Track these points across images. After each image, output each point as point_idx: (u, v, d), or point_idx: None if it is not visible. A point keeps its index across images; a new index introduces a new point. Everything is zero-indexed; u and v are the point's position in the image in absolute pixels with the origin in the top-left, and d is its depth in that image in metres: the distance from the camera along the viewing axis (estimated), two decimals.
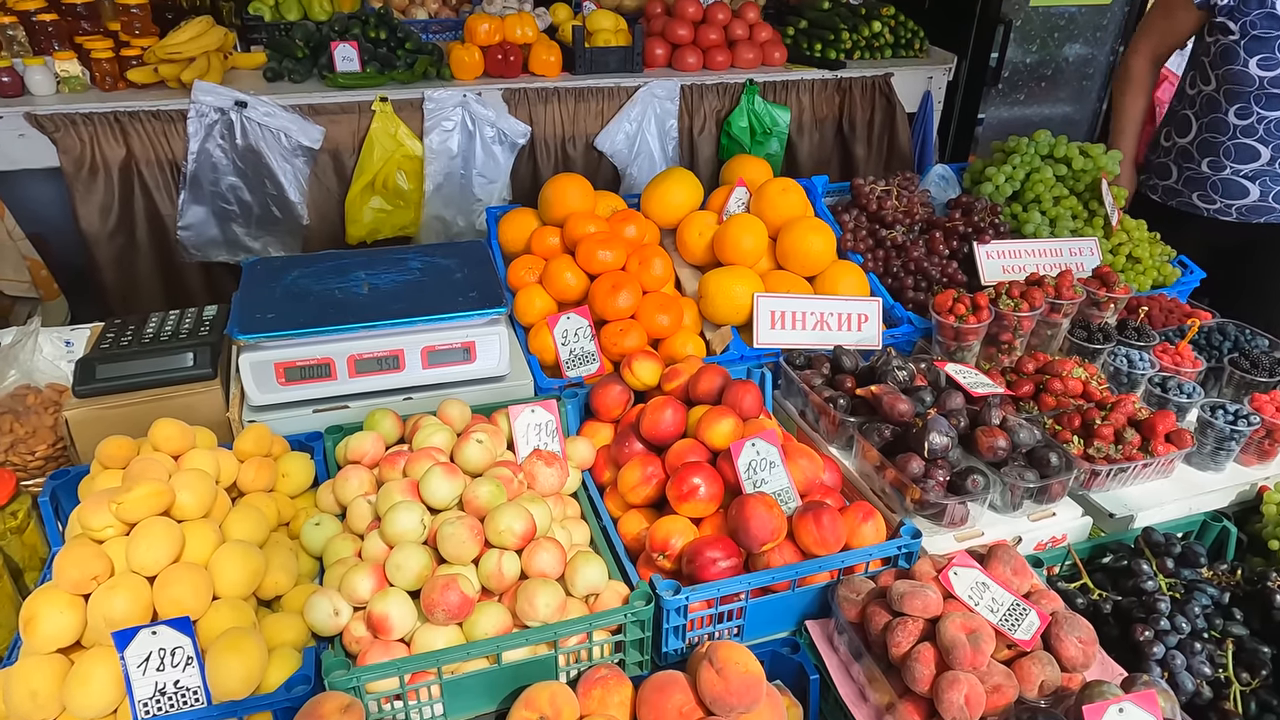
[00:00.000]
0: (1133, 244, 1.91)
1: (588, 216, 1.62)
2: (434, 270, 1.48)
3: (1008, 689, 0.98)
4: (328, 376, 1.34)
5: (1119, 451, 1.34)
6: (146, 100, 2.36)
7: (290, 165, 2.50)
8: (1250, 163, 2.02)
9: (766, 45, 2.97)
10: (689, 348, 1.55)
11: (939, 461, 1.28)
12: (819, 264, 1.67)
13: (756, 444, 1.18)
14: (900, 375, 1.45)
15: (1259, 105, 1.98)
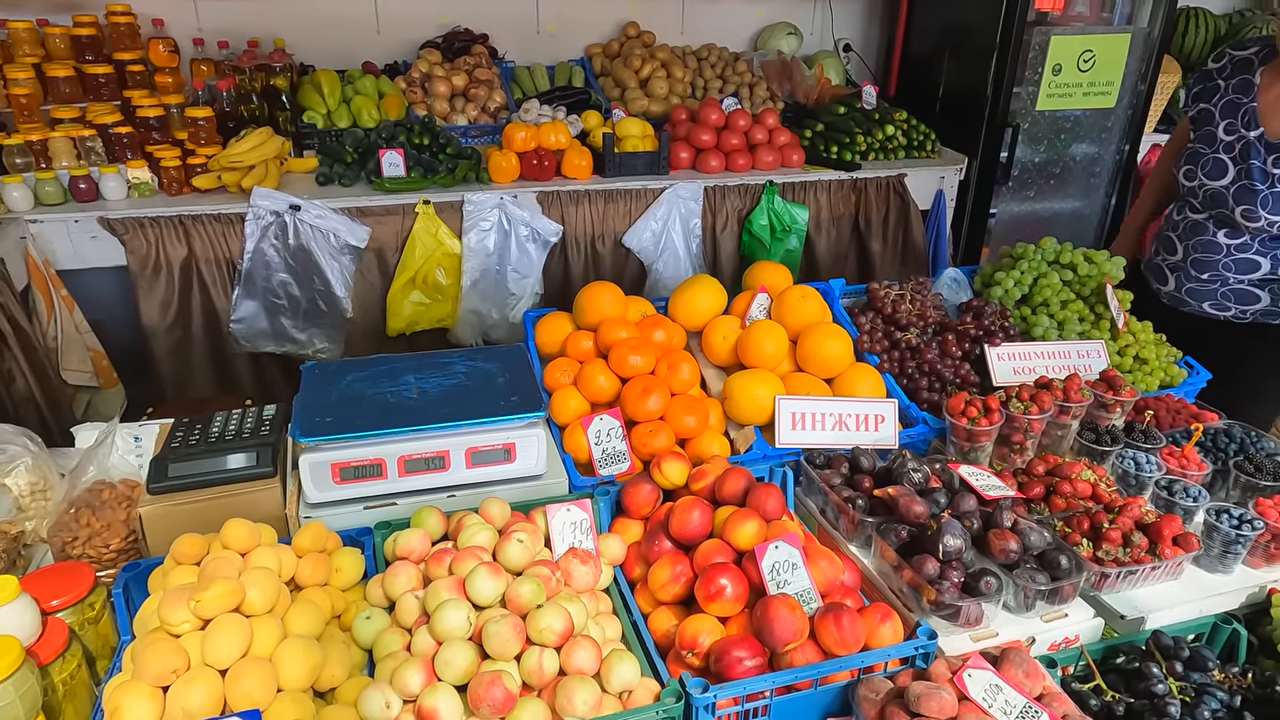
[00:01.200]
0: (1139, 345, 2.00)
1: (619, 322, 1.74)
2: (477, 374, 1.60)
3: None
4: (379, 476, 1.44)
5: (1127, 554, 1.40)
6: (209, 204, 2.55)
7: (337, 263, 2.67)
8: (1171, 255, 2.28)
9: (785, 148, 3.14)
10: (714, 447, 1.64)
11: (953, 563, 1.35)
12: (837, 366, 1.77)
13: (780, 546, 1.26)
14: (915, 477, 1.53)
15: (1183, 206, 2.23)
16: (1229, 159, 2.10)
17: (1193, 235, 2.19)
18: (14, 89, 2.59)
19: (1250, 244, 2.12)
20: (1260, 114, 2.07)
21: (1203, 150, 2.15)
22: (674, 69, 3.51)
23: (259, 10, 3.26)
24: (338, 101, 3.06)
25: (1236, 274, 2.17)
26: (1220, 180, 2.10)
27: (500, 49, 3.59)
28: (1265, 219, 2.05)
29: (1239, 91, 2.10)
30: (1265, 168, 2.04)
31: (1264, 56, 2.09)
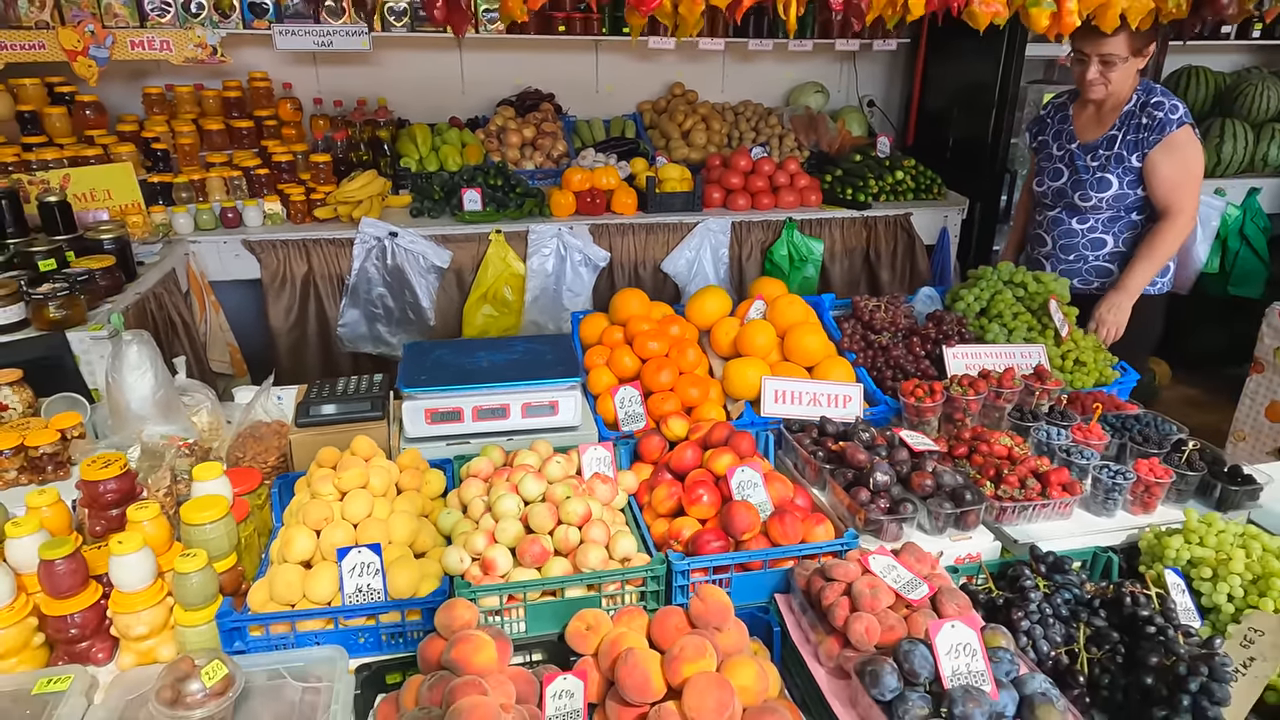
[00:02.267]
0: (1079, 351, 2.40)
1: (643, 318, 2.25)
2: (532, 352, 2.11)
3: (899, 629, 1.46)
4: (458, 420, 1.96)
5: (1021, 494, 1.81)
6: (325, 231, 3.17)
7: (425, 280, 3.25)
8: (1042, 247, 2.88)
9: (804, 190, 3.63)
10: (712, 414, 2.12)
11: (881, 494, 1.79)
12: (814, 357, 2.23)
13: (745, 470, 1.73)
14: (864, 437, 1.97)
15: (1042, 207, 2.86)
16: (1063, 165, 2.75)
17: (1055, 228, 2.79)
18: (180, 139, 3.27)
19: (1096, 225, 2.73)
20: (1076, 131, 2.74)
21: (1044, 164, 2.80)
22: (712, 122, 4.05)
23: (366, 74, 3.94)
24: (428, 149, 3.69)
25: (1093, 252, 2.76)
26: (1060, 180, 2.75)
27: (564, 105, 4.19)
28: (1095, 198, 2.67)
29: (1061, 122, 2.80)
30: (1086, 163, 2.68)
31: (1072, 96, 2.79)
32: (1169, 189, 2.59)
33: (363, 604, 1.47)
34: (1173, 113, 2.56)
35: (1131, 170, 2.62)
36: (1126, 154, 2.62)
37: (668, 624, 1.47)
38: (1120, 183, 2.64)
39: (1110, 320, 2.64)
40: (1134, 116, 2.61)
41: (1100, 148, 2.66)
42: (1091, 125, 2.71)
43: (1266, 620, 1.49)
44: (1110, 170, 2.64)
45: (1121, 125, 2.63)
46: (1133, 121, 2.61)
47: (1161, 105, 2.58)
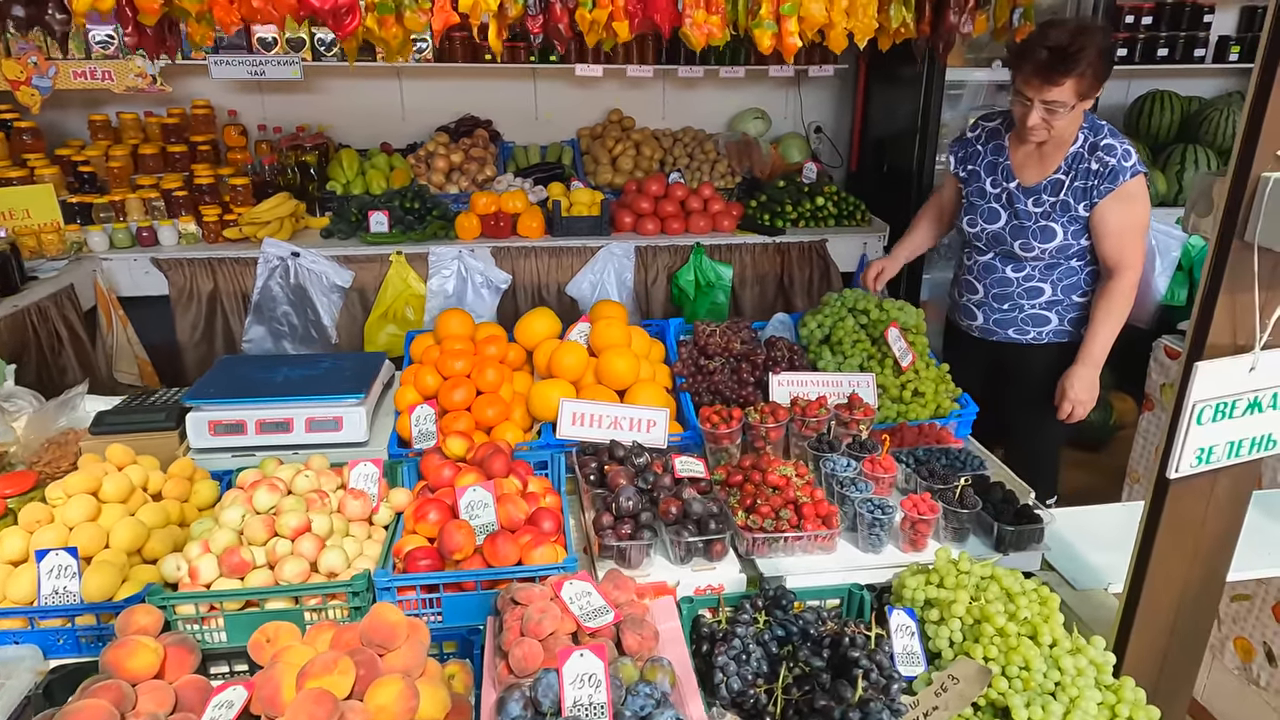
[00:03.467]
0: (918, 381, 2.31)
1: (458, 338, 2.27)
2: (333, 369, 2.15)
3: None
4: (241, 432, 2.00)
5: (773, 525, 1.75)
6: (232, 250, 3.29)
7: (327, 299, 3.34)
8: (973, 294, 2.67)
9: (718, 215, 3.60)
10: (508, 435, 2.12)
11: (625, 519, 1.75)
12: (624, 380, 2.21)
13: (476, 490, 1.72)
14: (638, 461, 1.94)
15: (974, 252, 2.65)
16: (999, 207, 2.52)
17: (988, 274, 2.58)
18: (111, 163, 3.46)
19: (1033, 274, 2.53)
20: (1014, 169, 2.50)
21: (977, 202, 2.57)
22: (645, 147, 4.07)
23: (310, 102, 4.10)
24: (354, 173, 3.81)
25: (1029, 300, 2.56)
26: (997, 224, 2.53)
27: (504, 132, 4.28)
28: (1038, 248, 2.46)
29: (995, 154, 2.55)
30: (1028, 209, 2.46)
31: (1007, 125, 2.52)
32: (1119, 244, 2.37)
33: (58, 605, 1.52)
34: (1125, 159, 2.32)
35: (1078, 220, 2.41)
36: (1074, 202, 2.39)
37: (340, 639, 1.47)
38: (1065, 233, 2.42)
39: (1077, 397, 2.46)
40: (1082, 160, 2.37)
41: (1044, 193, 2.42)
42: (1032, 164, 2.46)
43: (966, 668, 1.40)
44: (1055, 219, 2.42)
45: (1069, 169, 2.39)
46: (1081, 166, 2.37)
47: (1113, 150, 2.34)
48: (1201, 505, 1.42)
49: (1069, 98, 2.22)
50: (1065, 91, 2.21)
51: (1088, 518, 2.03)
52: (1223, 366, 1.29)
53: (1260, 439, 1.38)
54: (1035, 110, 2.28)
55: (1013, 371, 2.67)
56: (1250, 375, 1.32)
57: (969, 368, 2.70)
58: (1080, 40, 2.14)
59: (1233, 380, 1.31)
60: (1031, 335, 2.60)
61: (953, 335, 2.77)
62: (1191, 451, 1.32)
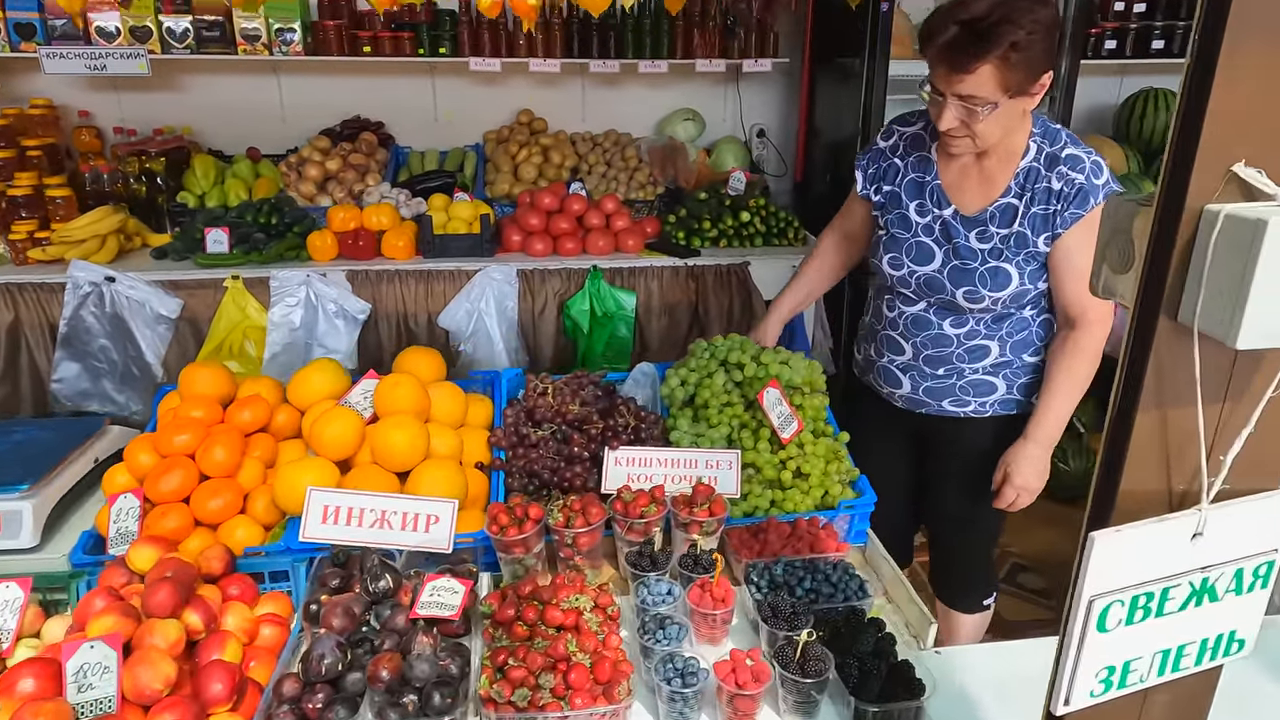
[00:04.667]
0: (802, 459, 1.77)
1: (200, 400, 1.75)
2: (22, 442, 1.64)
3: None
4: None
5: (526, 699, 1.22)
6: (39, 275, 2.80)
7: (152, 331, 2.84)
8: (899, 355, 2.06)
9: (622, 233, 3.07)
10: (238, 533, 1.60)
11: (318, 686, 1.23)
12: (404, 459, 1.69)
13: (95, 647, 1.20)
14: (380, 585, 1.42)
15: (898, 300, 2.03)
16: (931, 241, 1.92)
17: (918, 330, 1.99)
18: None
19: (977, 330, 1.94)
20: (947, 190, 1.92)
21: (900, 236, 1.97)
22: (554, 153, 3.54)
23: (174, 101, 3.60)
24: (210, 183, 3.30)
25: (971, 364, 1.98)
26: (929, 265, 1.92)
27: (400, 136, 3.77)
28: (988, 297, 1.86)
29: (919, 170, 1.95)
30: (970, 245, 1.87)
31: (933, 132, 1.90)
32: (1079, 282, 1.78)
33: None
34: (1095, 174, 1.76)
35: (1037, 258, 1.83)
36: (1031, 234, 1.81)
37: None
38: (1021, 275, 1.83)
39: (1025, 483, 1.91)
40: (1038, 177, 1.80)
41: (991, 223, 1.84)
42: (972, 185, 1.87)
43: None
44: (1009, 257, 1.83)
45: (1021, 190, 1.81)
46: (1038, 186, 1.80)
47: (1079, 163, 1.77)
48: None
49: (989, 91, 1.66)
50: (983, 81, 1.64)
51: (1011, 658, 1.48)
52: (1147, 534, 0.75)
53: (1217, 641, 0.83)
54: (949, 108, 1.71)
55: (943, 450, 2.11)
56: (1194, 544, 0.78)
57: (882, 439, 2.15)
58: (1002, 10, 1.59)
59: (1164, 553, 0.77)
60: (972, 407, 2.02)
61: (863, 397, 2.20)
62: (1090, 674, 0.78)
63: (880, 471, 2.15)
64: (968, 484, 2.07)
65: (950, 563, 2.25)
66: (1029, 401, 2.02)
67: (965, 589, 2.25)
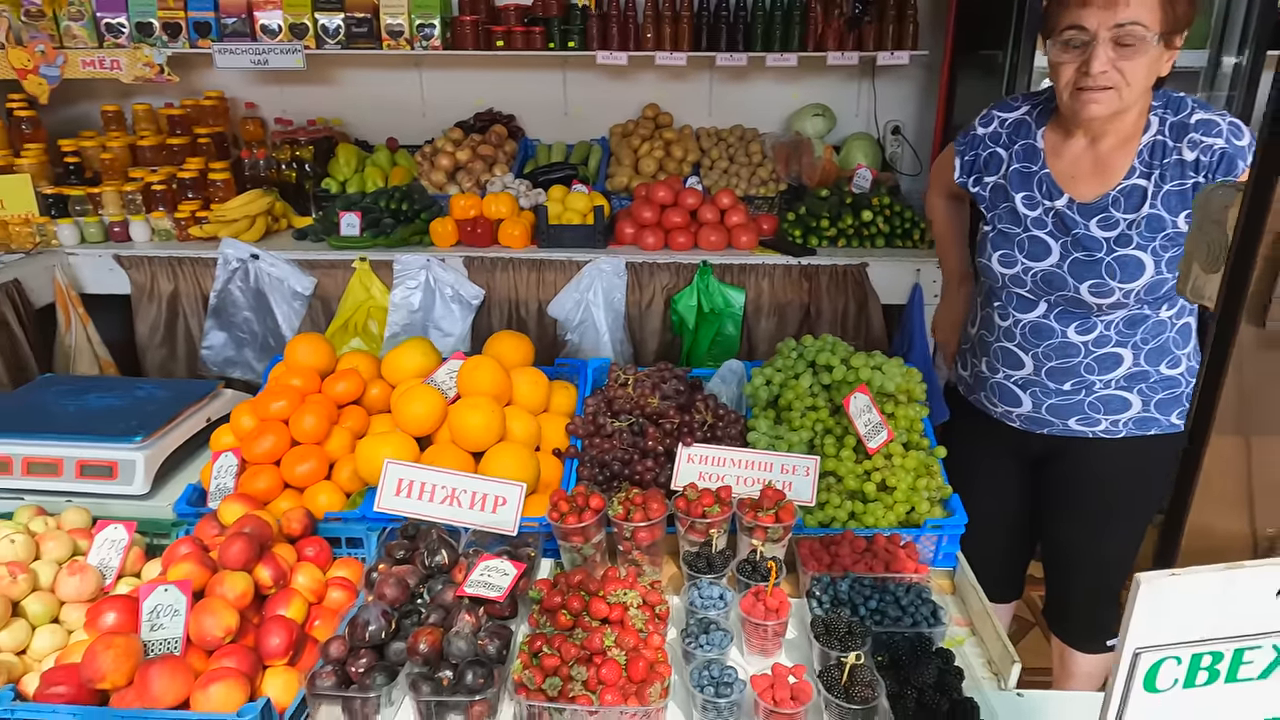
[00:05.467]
0: (889, 471, 1.65)
1: (304, 370, 1.85)
2: (143, 399, 1.79)
3: None
4: (7, 472, 1.68)
5: (557, 688, 1.19)
6: (196, 250, 3.06)
7: (288, 306, 3.04)
8: (1018, 370, 1.89)
9: (736, 229, 3.00)
10: (321, 499, 1.67)
11: (362, 651, 1.26)
12: (478, 440, 1.71)
13: (168, 590, 1.28)
14: (436, 560, 1.44)
15: (1012, 306, 1.86)
16: (1045, 235, 1.76)
17: (1039, 340, 1.82)
18: (105, 154, 3.34)
19: (1108, 335, 1.76)
20: (1058, 180, 1.75)
21: (1011, 230, 1.81)
22: (676, 148, 3.52)
23: (326, 94, 3.86)
24: (353, 170, 3.51)
25: (1102, 375, 1.80)
26: (1047, 260, 1.76)
27: (529, 128, 3.86)
28: (1118, 288, 1.69)
29: (1025, 159, 1.80)
30: (1092, 234, 1.70)
31: (1038, 115, 1.78)
32: None
33: None
34: (1237, 135, 1.60)
35: (1177, 241, 1.65)
36: (1169, 214, 1.64)
37: None
38: (1158, 263, 1.66)
39: None
40: (1167, 151, 1.64)
41: (1114, 207, 1.68)
42: (1086, 172, 1.72)
43: None
44: (1143, 244, 1.66)
45: (1149, 168, 1.65)
46: (1168, 161, 1.64)
47: (1214, 127, 1.61)
48: None
49: (1151, 18, 1.52)
50: (1146, 8, 1.51)
51: None
52: (1212, 582, 0.63)
53: None
54: (1100, 47, 1.55)
55: (1067, 475, 1.92)
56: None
57: (992, 459, 2.00)
58: None
59: (1239, 608, 0.65)
60: (1103, 426, 1.84)
61: (969, 416, 2.04)
62: None
63: (988, 495, 2.00)
64: (1093, 513, 1.88)
65: (1067, 597, 2.05)
66: (1167, 420, 1.81)
67: (1085, 626, 2.04)
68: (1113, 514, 1.89)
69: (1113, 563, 1.95)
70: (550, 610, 1.35)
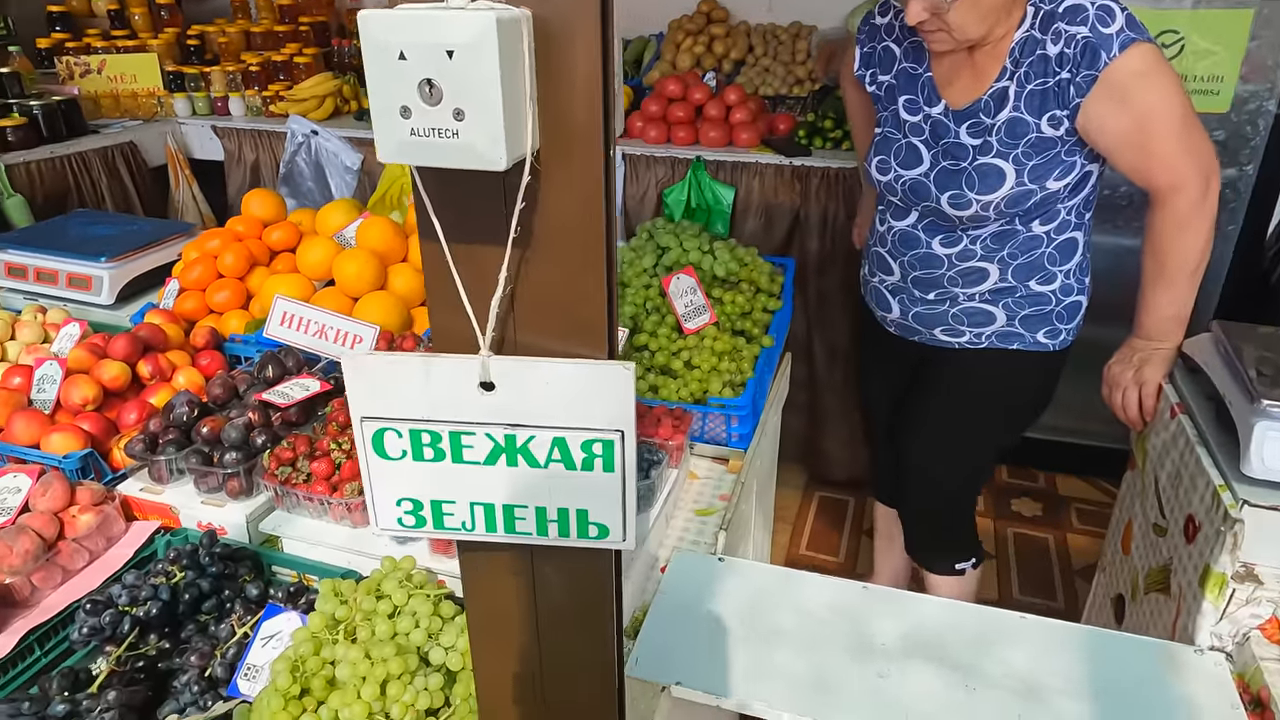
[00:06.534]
0: (697, 351, 1.72)
1: (244, 219, 2.18)
2: (131, 232, 2.21)
3: None
4: (24, 278, 2.16)
5: (285, 473, 1.44)
6: (272, 125, 3.52)
7: (341, 179, 3.44)
8: (889, 275, 1.84)
9: (738, 126, 2.98)
10: (231, 322, 2.01)
11: (170, 430, 1.57)
12: (355, 288, 1.96)
13: (52, 363, 1.65)
14: (264, 373, 1.72)
15: (889, 213, 1.79)
16: (920, 143, 1.69)
17: (907, 249, 1.77)
18: (220, 39, 3.87)
19: (972, 250, 1.70)
20: (938, 84, 1.66)
21: (893, 136, 1.74)
22: (718, 45, 3.48)
23: None
24: None
25: (966, 288, 1.74)
26: (916, 169, 1.69)
27: None
28: (975, 201, 1.61)
29: (914, 59, 1.69)
30: (961, 141, 1.62)
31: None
32: (1139, 155, 1.49)
33: None
34: (1104, 22, 1.43)
35: (1042, 148, 1.54)
36: (1031, 117, 1.53)
37: None
38: (1018, 173, 1.56)
39: (1131, 378, 1.63)
40: (1034, 47, 1.50)
41: (986, 113, 1.57)
42: (965, 73, 1.60)
43: None
44: (1004, 152, 1.56)
45: (1016, 67, 1.53)
46: (1032, 58, 1.50)
47: (1079, 13, 1.45)
48: None
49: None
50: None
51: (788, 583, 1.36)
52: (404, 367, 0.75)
53: (561, 514, 0.79)
54: (912, 2, 1.48)
55: (928, 383, 1.87)
56: (484, 395, 0.75)
57: (880, 364, 2.01)
58: None
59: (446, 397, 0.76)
60: (966, 338, 1.78)
61: (866, 318, 2.00)
62: (388, 499, 0.80)
63: (881, 397, 2.02)
64: (946, 423, 1.84)
65: (915, 511, 2.01)
66: (1032, 337, 1.72)
67: (933, 545, 2.00)
68: (965, 427, 1.83)
69: (960, 477, 1.89)
70: (332, 420, 1.60)
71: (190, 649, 1.20)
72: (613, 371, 0.70)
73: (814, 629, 1.28)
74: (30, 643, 1.25)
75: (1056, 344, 1.74)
